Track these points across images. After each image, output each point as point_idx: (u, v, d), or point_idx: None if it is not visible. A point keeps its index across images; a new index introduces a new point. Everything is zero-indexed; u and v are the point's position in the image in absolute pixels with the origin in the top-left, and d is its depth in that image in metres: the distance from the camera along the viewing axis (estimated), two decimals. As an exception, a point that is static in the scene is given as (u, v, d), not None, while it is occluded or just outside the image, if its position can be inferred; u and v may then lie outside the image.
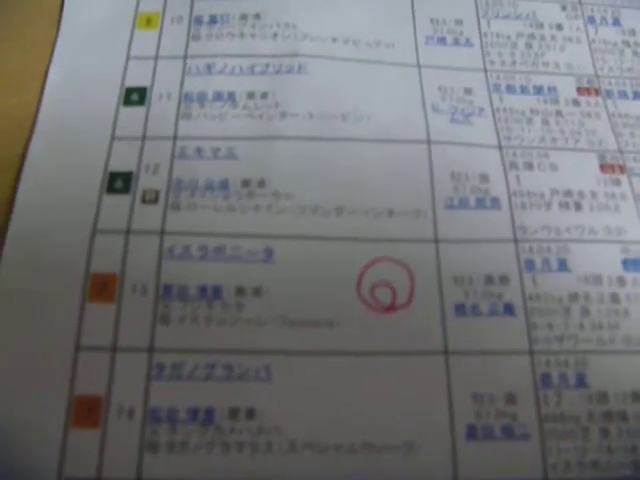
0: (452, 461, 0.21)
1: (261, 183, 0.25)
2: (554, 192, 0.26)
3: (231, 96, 0.27)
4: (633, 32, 0.31)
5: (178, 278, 0.23)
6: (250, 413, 0.22)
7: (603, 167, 0.27)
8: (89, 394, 0.22)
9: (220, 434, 0.21)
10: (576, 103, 0.28)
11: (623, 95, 0.29)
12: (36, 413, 0.21)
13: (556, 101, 0.28)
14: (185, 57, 0.28)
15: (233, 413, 0.22)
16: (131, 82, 0.27)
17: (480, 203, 0.25)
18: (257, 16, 0.29)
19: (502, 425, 0.22)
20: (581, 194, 0.26)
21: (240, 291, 0.23)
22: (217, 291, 0.23)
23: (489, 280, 0.24)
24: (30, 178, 0.25)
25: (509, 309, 0.24)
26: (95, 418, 0.21)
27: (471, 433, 0.22)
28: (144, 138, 0.26)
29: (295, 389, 0.22)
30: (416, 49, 0.29)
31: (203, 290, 0.23)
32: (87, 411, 0.22)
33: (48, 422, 0.21)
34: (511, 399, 0.22)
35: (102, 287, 0.23)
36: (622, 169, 0.27)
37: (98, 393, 0.22)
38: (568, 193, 0.26)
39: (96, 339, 0.22)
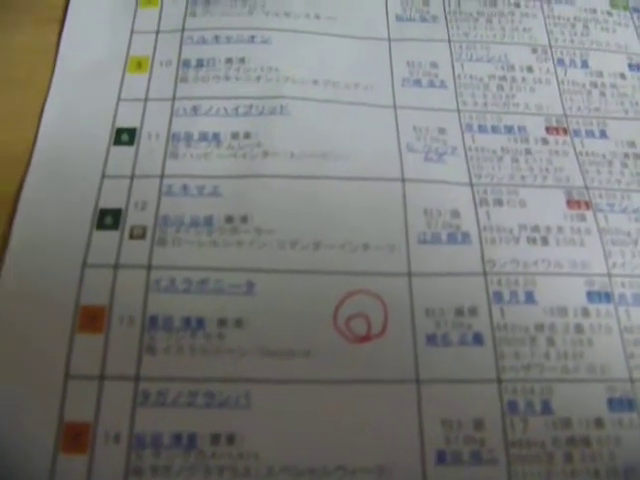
0: (423, 484, 0.23)
1: (244, 219, 0.26)
2: (522, 227, 0.27)
3: (216, 136, 0.28)
4: (600, 74, 0.32)
5: (164, 310, 0.25)
6: (230, 439, 0.23)
7: (570, 203, 0.28)
8: (77, 421, 0.23)
9: (202, 458, 0.23)
10: (545, 142, 0.30)
11: (590, 134, 0.30)
12: (26, 439, 0.22)
13: (526, 140, 0.30)
14: (173, 99, 0.29)
15: (214, 439, 0.23)
16: (121, 123, 0.28)
17: (451, 238, 0.27)
18: (242, 60, 0.30)
19: (470, 450, 0.23)
20: (548, 229, 0.27)
21: (222, 322, 0.25)
22: (200, 322, 0.25)
23: (459, 311, 0.25)
24: (25, 213, 0.26)
25: (478, 339, 0.25)
26: (83, 443, 0.23)
27: (441, 458, 0.23)
28: (133, 177, 0.27)
29: (273, 415, 0.23)
30: (393, 91, 0.30)
31: (187, 321, 0.25)
32: (75, 437, 0.23)
33: (38, 447, 0.22)
34: (479, 425, 0.23)
35: (91, 319, 0.24)
36: (588, 205, 0.28)
37: (86, 420, 0.23)
38: (536, 228, 0.27)
39: (85, 368, 0.24)
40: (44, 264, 0.25)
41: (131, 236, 0.26)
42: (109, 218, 0.26)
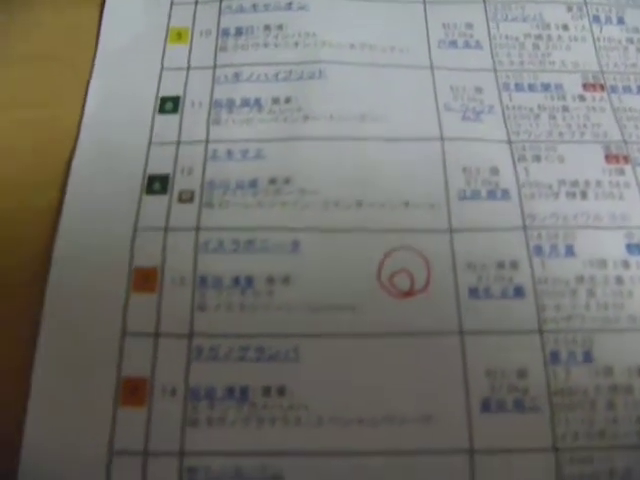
0: (468, 432, 0.23)
1: (287, 180, 0.27)
2: (561, 183, 0.27)
3: (257, 102, 0.29)
4: (637, 30, 0.32)
5: (213, 269, 0.26)
6: (281, 391, 0.24)
7: (608, 158, 0.28)
8: (135, 376, 0.24)
9: (254, 410, 0.24)
10: (582, 98, 0.30)
11: (627, 90, 0.30)
12: (87, 394, 0.24)
13: (563, 97, 0.30)
14: (214, 67, 0.30)
15: (266, 391, 0.24)
16: (165, 92, 0.29)
17: (491, 194, 0.27)
18: (280, 27, 0.31)
19: (514, 399, 0.24)
20: (587, 183, 0.28)
21: (270, 280, 0.25)
22: (249, 280, 0.25)
23: (501, 265, 0.26)
24: (76, 183, 0.27)
25: (519, 291, 0.25)
26: (141, 397, 0.24)
27: (485, 406, 0.24)
28: (179, 143, 0.28)
29: (321, 368, 0.24)
30: (429, 52, 0.31)
31: (236, 280, 0.25)
32: (133, 391, 0.24)
33: (99, 401, 0.24)
34: (522, 374, 0.24)
35: (145, 279, 0.25)
36: (626, 159, 0.28)
37: (143, 375, 0.24)
38: (575, 183, 0.28)
39: (140, 326, 0.25)
40: (97, 230, 0.26)
41: (180, 200, 0.27)
42: (157, 184, 0.27)
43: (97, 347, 0.24)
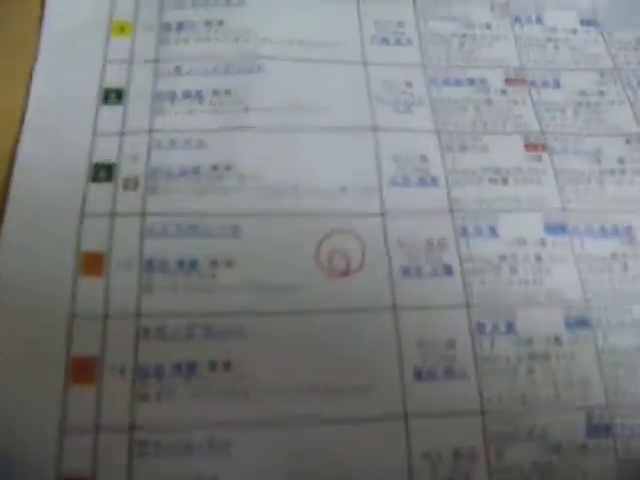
0: (402, 399, 0.25)
1: (228, 168, 0.28)
2: (485, 170, 0.30)
3: (198, 94, 0.30)
4: (554, 29, 0.35)
5: (159, 253, 0.27)
6: (227, 365, 0.25)
7: (527, 147, 0.31)
8: (84, 355, 0.25)
9: (202, 384, 0.25)
10: (504, 92, 0.32)
11: (545, 84, 0.33)
12: (39, 375, 0.24)
13: (487, 91, 0.32)
14: (156, 61, 0.31)
15: (212, 366, 0.25)
16: (109, 84, 0.30)
17: (421, 181, 0.29)
18: (220, 22, 0.32)
19: (444, 366, 0.26)
20: (508, 171, 0.30)
21: (214, 263, 0.27)
22: (193, 264, 0.27)
23: (430, 244, 0.28)
24: (22, 169, 0.28)
25: (448, 270, 0.27)
26: (90, 375, 0.25)
27: (418, 375, 0.25)
28: (123, 133, 0.29)
29: (266, 343, 0.26)
30: (362, 48, 0.32)
31: (181, 263, 0.27)
32: (83, 370, 0.25)
33: (50, 380, 0.24)
34: (451, 345, 0.26)
35: (92, 263, 0.26)
36: (544, 147, 0.31)
37: (93, 354, 0.25)
38: (497, 170, 0.30)
39: (89, 308, 0.26)
40: (44, 216, 0.27)
41: (125, 187, 0.28)
42: (103, 172, 0.28)
43: (47, 330, 0.25)
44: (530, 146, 0.30)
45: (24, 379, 0.24)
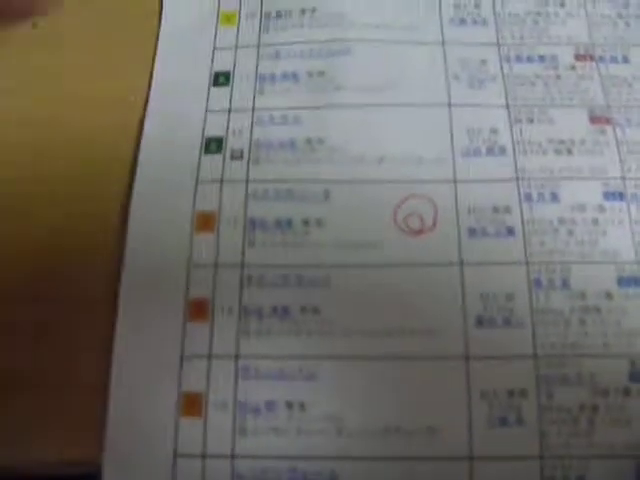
0: (464, 343, 0.29)
1: (320, 141, 0.33)
2: (550, 141, 0.33)
3: (295, 75, 0.35)
4: (626, 5, 0.37)
5: (260, 213, 0.31)
6: (315, 310, 0.30)
7: (592, 119, 0.33)
8: (199, 297, 0.30)
9: (294, 324, 0.30)
10: (573, 68, 0.35)
11: (614, 60, 0.35)
12: (161, 311, 0.30)
13: (556, 67, 0.35)
14: (258, 46, 0.36)
15: (303, 310, 0.30)
16: (218, 68, 0.35)
17: (490, 151, 0.33)
18: (313, 10, 0.36)
19: (503, 316, 0.29)
20: (572, 142, 0.33)
21: (306, 222, 0.31)
22: (288, 222, 0.31)
23: (495, 210, 0.31)
24: (146, 145, 0.33)
25: (510, 231, 0.31)
26: (205, 314, 0.30)
27: (479, 322, 0.29)
28: (230, 110, 0.34)
29: (348, 293, 0.30)
30: (441, 29, 0.36)
31: (278, 222, 0.31)
32: (199, 309, 0.30)
33: (171, 318, 0.30)
34: (510, 297, 0.30)
35: (205, 221, 0.32)
36: (608, 121, 0.33)
37: (206, 296, 0.30)
38: (562, 142, 0.33)
39: (203, 259, 0.31)
40: (165, 183, 0.32)
41: (232, 157, 0.33)
42: (214, 145, 0.33)
43: (169, 275, 0.31)
44: (595, 119, 0.33)
45: (149, 314, 0.30)
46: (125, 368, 0.29)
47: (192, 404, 0.29)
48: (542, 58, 0.35)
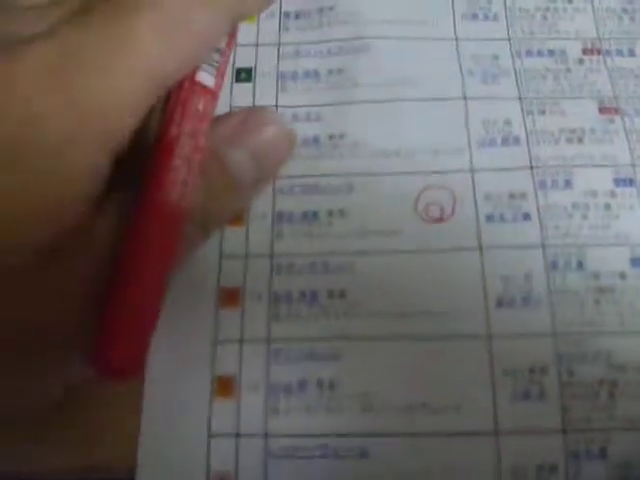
0: (486, 322, 0.30)
1: (342, 136, 0.34)
2: (562, 130, 0.34)
3: (316, 73, 0.36)
4: (631, 0, 0.38)
5: (287, 207, 0.33)
6: (342, 294, 0.31)
7: (601, 110, 0.35)
8: (230, 287, 0.32)
9: (322, 308, 0.31)
10: (581, 61, 0.36)
11: (619, 53, 0.36)
12: (194, 300, 0.31)
13: (565, 61, 0.36)
14: (278, 44, 0.37)
15: (330, 294, 0.31)
16: (240, 64, 0.36)
17: (504, 141, 0.34)
18: (331, 8, 0.38)
19: (522, 297, 0.31)
20: (583, 131, 0.34)
21: (330, 213, 0.33)
22: (315, 214, 0.33)
23: (512, 196, 0.33)
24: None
25: (527, 216, 0.32)
26: (236, 300, 0.31)
27: (499, 303, 0.31)
28: (254, 106, 0.35)
29: (372, 277, 0.31)
30: (454, 26, 0.37)
31: (305, 215, 0.33)
32: (230, 296, 0.32)
33: (204, 305, 0.31)
34: (528, 278, 0.31)
35: (236, 216, 0.33)
36: (617, 111, 0.35)
37: (237, 285, 0.32)
38: (573, 131, 0.34)
39: (233, 251, 0.32)
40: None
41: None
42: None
43: (201, 266, 0.32)
44: (604, 109, 0.35)
45: (183, 303, 0.31)
46: (159, 355, 0.30)
47: (225, 386, 0.30)
48: (551, 52, 0.36)
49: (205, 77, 0.26)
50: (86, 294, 0.24)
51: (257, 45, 0.37)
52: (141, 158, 0.25)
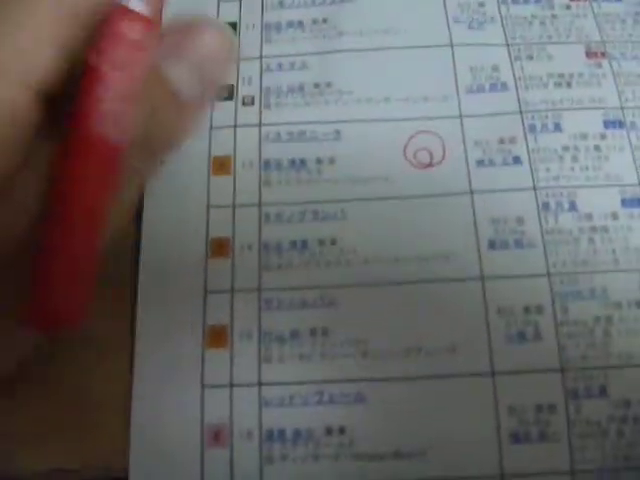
0: (479, 265, 0.30)
1: (328, 84, 0.34)
2: (550, 75, 0.34)
3: (300, 23, 0.36)
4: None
5: (274, 154, 0.32)
6: (333, 241, 0.31)
7: (588, 54, 0.34)
8: (220, 236, 0.31)
9: (313, 257, 0.31)
10: (568, 7, 0.36)
11: (607, -1, 0.36)
12: (184, 250, 0.31)
13: (552, 7, 0.36)
14: (262, -4, 0.37)
15: (321, 242, 0.31)
16: (224, 18, 0.36)
17: (493, 87, 0.34)
18: (315, -40, 0.37)
19: (514, 239, 0.31)
20: (571, 75, 0.34)
21: (319, 161, 0.32)
22: (302, 162, 0.32)
23: (501, 140, 0.32)
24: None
25: (517, 160, 0.32)
26: (226, 251, 0.31)
27: (492, 245, 0.30)
28: (238, 59, 0.35)
29: (363, 223, 0.31)
30: (440, -25, 0.37)
31: (292, 162, 0.32)
32: (220, 247, 0.31)
33: (194, 255, 0.31)
34: (520, 220, 0.31)
35: (221, 165, 0.32)
36: (604, 55, 0.34)
37: (227, 235, 0.31)
38: (561, 75, 0.34)
39: (221, 200, 0.32)
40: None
41: (243, 104, 0.34)
42: (225, 92, 0.34)
43: (189, 217, 0.31)
44: (591, 54, 0.34)
45: (172, 254, 0.31)
46: (150, 305, 0.30)
47: (217, 336, 0.30)
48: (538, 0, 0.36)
49: (135, 4, 0.24)
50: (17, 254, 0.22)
51: (240, -1, 0.37)
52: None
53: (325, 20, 0.36)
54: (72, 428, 0.29)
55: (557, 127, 0.33)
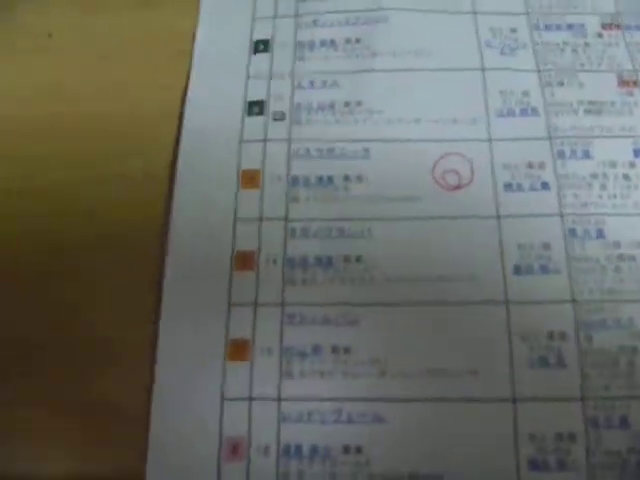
0: (503, 289, 0.30)
1: (358, 103, 0.34)
2: (580, 102, 0.34)
3: (332, 42, 0.36)
4: (650, -22, 0.38)
5: (303, 170, 0.33)
6: (358, 259, 0.31)
7: (620, 83, 0.34)
8: (245, 250, 0.31)
9: (337, 273, 0.31)
10: (600, 36, 0.36)
11: (639, 28, 0.36)
12: (211, 264, 0.31)
13: (584, 35, 0.36)
14: (296, 15, 0.37)
15: (346, 259, 0.31)
16: (257, 36, 0.36)
17: (523, 112, 0.34)
18: (349, -21, 0.38)
19: (540, 264, 0.30)
20: (602, 103, 0.34)
21: (346, 178, 0.32)
22: (330, 179, 0.33)
23: (530, 165, 0.32)
24: (194, 109, 0.34)
25: (545, 185, 0.32)
26: (250, 264, 0.31)
27: (517, 270, 0.30)
28: (271, 76, 0.35)
29: (388, 243, 0.31)
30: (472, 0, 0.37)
31: (320, 179, 0.33)
32: (244, 260, 0.31)
33: (219, 268, 0.31)
34: (547, 246, 0.31)
35: (250, 179, 0.33)
36: (635, 83, 0.34)
37: (252, 249, 0.31)
38: (591, 103, 0.34)
39: (248, 213, 0.32)
40: (211, 144, 0.34)
41: (274, 119, 0.34)
42: (256, 108, 0.34)
43: (217, 230, 0.32)
44: (623, 83, 0.34)
45: (198, 265, 0.31)
46: (173, 314, 0.30)
47: (239, 349, 0.30)
48: (570, 27, 0.36)
49: None
50: None
51: (275, 17, 0.37)
52: None
53: (358, 40, 0.36)
54: (90, 438, 0.29)
55: (586, 154, 0.33)
